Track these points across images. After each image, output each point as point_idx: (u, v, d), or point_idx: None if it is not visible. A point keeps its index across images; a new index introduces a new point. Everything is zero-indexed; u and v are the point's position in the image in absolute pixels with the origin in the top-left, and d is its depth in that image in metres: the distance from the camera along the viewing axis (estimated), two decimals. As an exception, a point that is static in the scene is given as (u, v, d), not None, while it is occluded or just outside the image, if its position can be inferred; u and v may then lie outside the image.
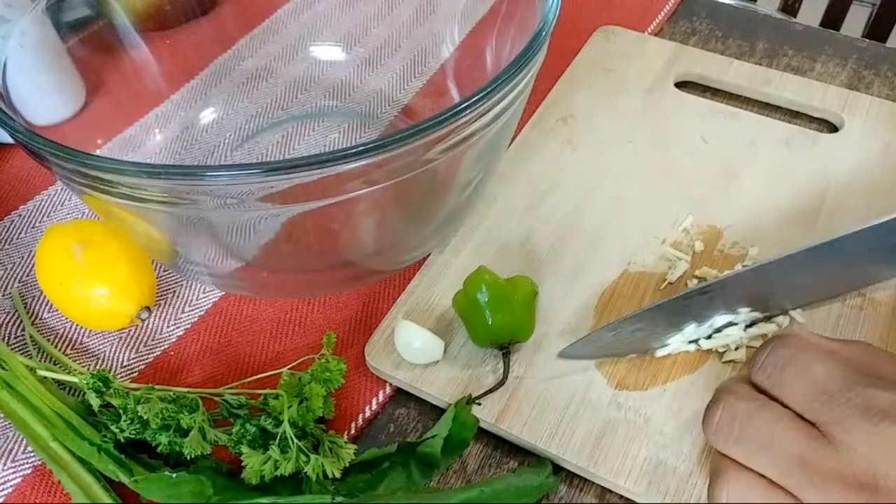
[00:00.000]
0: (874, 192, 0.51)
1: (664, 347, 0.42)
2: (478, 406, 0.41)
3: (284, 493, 0.37)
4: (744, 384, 0.34)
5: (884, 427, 0.29)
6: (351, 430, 0.42)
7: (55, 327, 0.47)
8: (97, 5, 0.50)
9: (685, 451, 0.39)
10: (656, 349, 0.42)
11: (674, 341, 0.42)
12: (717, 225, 0.49)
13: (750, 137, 0.55)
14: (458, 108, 0.34)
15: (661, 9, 0.68)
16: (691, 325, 0.42)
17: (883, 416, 0.29)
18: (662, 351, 0.42)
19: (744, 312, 0.42)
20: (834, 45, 0.64)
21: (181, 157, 0.55)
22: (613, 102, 0.58)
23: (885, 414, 0.29)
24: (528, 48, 0.37)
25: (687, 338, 0.42)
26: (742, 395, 0.33)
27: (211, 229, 0.41)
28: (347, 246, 0.45)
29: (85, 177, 0.34)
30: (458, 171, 0.42)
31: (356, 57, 0.60)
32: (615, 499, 0.39)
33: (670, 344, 0.42)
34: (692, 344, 0.43)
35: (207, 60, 0.59)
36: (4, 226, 0.53)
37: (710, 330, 0.42)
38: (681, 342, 0.42)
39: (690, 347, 0.42)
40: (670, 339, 0.42)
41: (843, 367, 0.32)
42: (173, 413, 0.37)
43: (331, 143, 0.57)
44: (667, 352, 0.42)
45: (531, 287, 0.43)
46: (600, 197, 0.51)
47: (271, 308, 0.47)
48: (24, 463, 0.41)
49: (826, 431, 0.30)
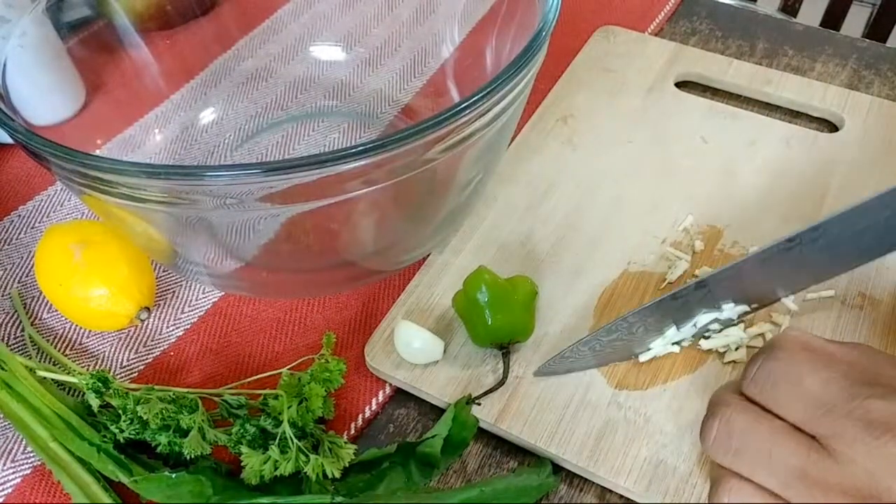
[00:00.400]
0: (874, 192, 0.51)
1: (647, 352, 0.42)
2: (478, 406, 0.41)
3: (284, 493, 0.37)
4: (739, 395, 0.34)
5: (886, 440, 0.28)
6: (351, 431, 0.42)
7: (55, 328, 0.47)
8: (97, 5, 0.50)
9: (685, 451, 0.39)
10: (639, 354, 0.42)
11: (656, 345, 0.42)
12: (717, 225, 0.49)
13: (750, 137, 0.55)
14: (457, 108, 0.34)
15: (661, 9, 0.68)
16: (671, 327, 0.41)
17: (885, 430, 0.29)
18: (645, 356, 0.42)
19: (728, 308, 0.41)
20: (834, 45, 0.64)
21: (181, 157, 0.55)
22: (613, 102, 0.58)
23: (887, 427, 0.29)
24: (528, 48, 0.37)
25: (669, 340, 0.42)
26: (739, 408, 0.33)
27: (210, 229, 0.41)
28: (347, 246, 0.45)
29: (85, 177, 0.34)
30: (457, 171, 0.42)
31: (356, 57, 0.60)
32: (615, 499, 0.39)
33: (652, 348, 0.42)
34: (676, 345, 0.42)
35: (207, 60, 0.59)
36: (4, 226, 0.53)
37: (695, 329, 0.42)
38: (663, 345, 0.42)
39: (675, 349, 0.42)
40: (652, 344, 0.42)
41: (840, 376, 0.31)
42: (173, 413, 0.37)
43: (331, 143, 0.57)
44: (650, 356, 0.42)
45: (531, 287, 0.43)
46: (600, 197, 0.51)
47: (271, 308, 0.47)
48: (23, 463, 0.40)
49: (826, 444, 0.30)
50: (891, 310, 0.45)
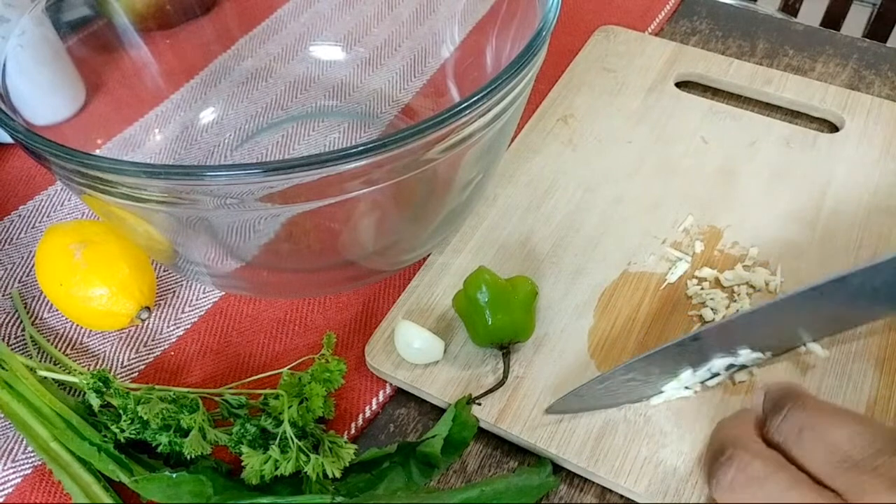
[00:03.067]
0: (874, 192, 0.51)
1: (659, 395, 0.41)
2: (478, 406, 0.41)
3: (284, 493, 0.37)
4: (756, 438, 0.32)
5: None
6: (351, 430, 0.42)
7: (55, 327, 0.47)
8: (97, 5, 0.50)
9: (685, 451, 0.39)
10: (651, 397, 0.41)
11: (669, 388, 0.41)
12: (717, 225, 0.49)
13: (750, 137, 0.55)
14: (457, 108, 0.34)
15: (661, 9, 0.68)
16: (687, 370, 0.40)
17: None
18: (658, 399, 0.41)
19: (744, 354, 0.40)
20: (834, 45, 0.64)
21: (181, 157, 0.55)
22: (613, 102, 0.58)
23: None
24: (528, 48, 0.37)
25: (683, 384, 0.40)
26: (757, 453, 0.32)
27: (211, 229, 0.41)
28: (347, 246, 0.45)
29: (85, 177, 0.34)
30: (458, 172, 0.42)
31: (356, 57, 0.60)
32: (615, 499, 0.39)
33: (665, 391, 0.41)
34: (688, 390, 0.41)
35: (207, 60, 0.59)
36: (4, 226, 0.53)
37: (709, 374, 0.40)
38: (676, 388, 0.41)
39: (687, 393, 0.41)
40: (665, 387, 0.41)
41: (868, 432, 0.30)
42: (173, 413, 0.37)
43: (331, 143, 0.57)
44: (662, 399, 0.41)
45: (531, 287, 0.43)
46: (600, 197, 0.51)
47: (271, 308, 0.47)
48: (24, 463, 0.41)
49: (846, 499, 0.29)
50: (891, 310, 0.45)
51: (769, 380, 0.41)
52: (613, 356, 0.43)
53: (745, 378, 0.41)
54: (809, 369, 0.42)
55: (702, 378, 0.41)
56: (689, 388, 0.41)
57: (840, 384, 0.41)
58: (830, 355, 0.42)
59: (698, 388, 0.41)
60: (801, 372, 0.42)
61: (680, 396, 0.41)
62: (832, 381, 0.41)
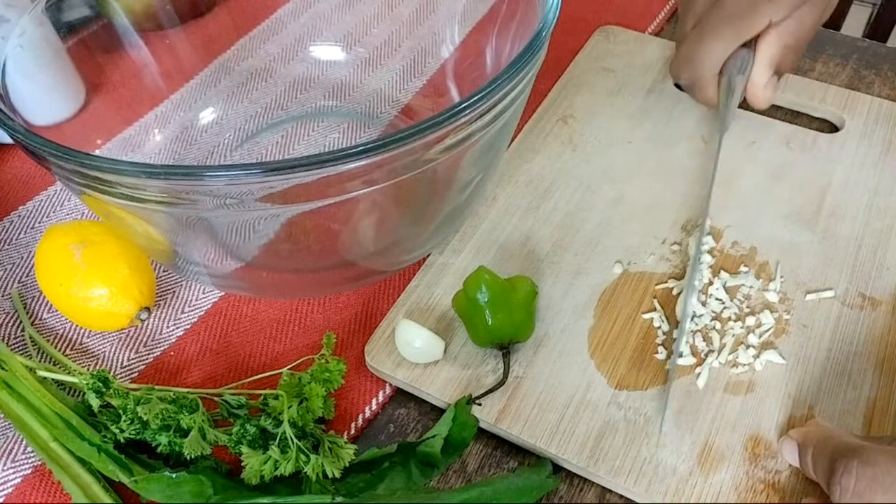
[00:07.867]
0: (874, 192, 0.51)
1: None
2: (478, 406, 0.41)
3: (284, 493, 0.37)
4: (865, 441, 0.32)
5: None
6: (351, 431, 0.42)
7: (55, 328, 0.47)
8: (97, 5, 0.50)
9: (685, 451, 0.39)
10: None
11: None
12: (717, 225, 0.49)
13: (750, 137, 0.55)
14: (457, 108, 0.34)
15: (661, 9, 0.68)
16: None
17: None
18: None
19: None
20: (834, 45, 0.64)
21: (181, 157, 0.55)
22: (613, 102, 0.58)
23: None
24: (528, 48, 0.37)
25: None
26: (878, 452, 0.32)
27: (210, 230, 0.41)
28: (347, 246, 0.45)
29: (84, 177, 0.34)
30: (457, 172, 0.42)
31: (356, 57, 0.60)
32: (615, 499, 0.39)
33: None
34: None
35: (207, 60, 0.59)
36: (4, 226, 0.53)
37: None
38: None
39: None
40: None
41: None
42: (173, 413, 0.37)
43: (331, 143, 0.57)
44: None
45: (531, 287, 0.43)
46: (600, 197, 0.51)
47: (271, 308, 0.47)
48: (24, 463, 0.40)
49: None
50: (891, 310, 0.45)
51: (766, 380, 0.41)
52: (613, 356, 0.43)
53: (745, 371, 0.41)
54: (810, 369, 0.42)
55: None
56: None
57: (840, 384, 0.41)
58: (830, 355, 0.42)
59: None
60: (801, 371, 0.42)
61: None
62: (832, 381, 0.41)
